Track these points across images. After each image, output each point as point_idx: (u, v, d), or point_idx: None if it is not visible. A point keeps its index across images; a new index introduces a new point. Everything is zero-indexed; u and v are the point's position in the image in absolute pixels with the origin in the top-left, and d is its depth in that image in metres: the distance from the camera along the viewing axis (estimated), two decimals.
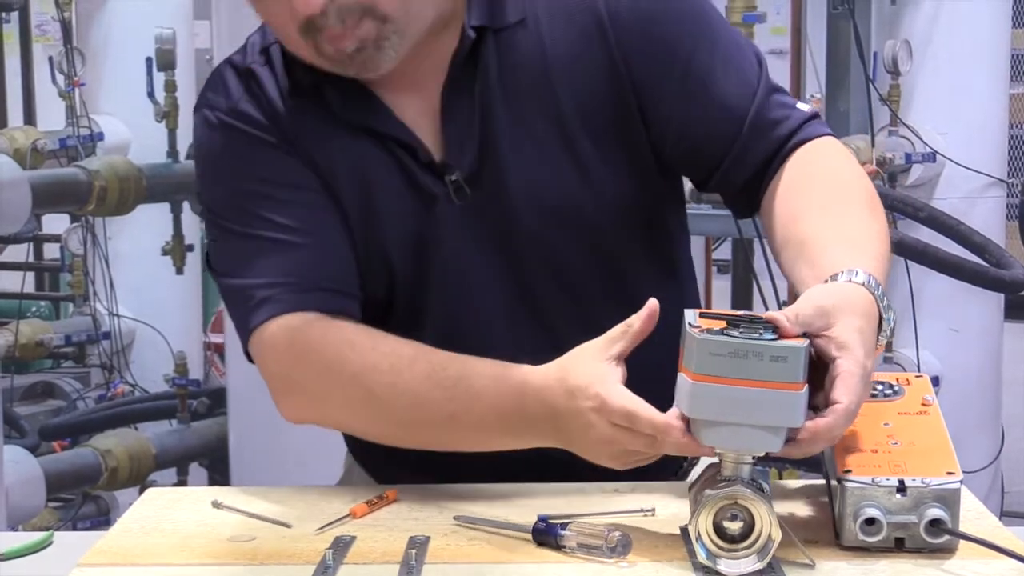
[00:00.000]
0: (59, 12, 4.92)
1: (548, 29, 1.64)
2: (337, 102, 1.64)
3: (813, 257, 1.55)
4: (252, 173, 1.65)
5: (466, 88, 1.63)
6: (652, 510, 1.54)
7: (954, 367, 4.61)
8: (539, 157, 1.64)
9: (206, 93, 1.71)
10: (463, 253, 1.67)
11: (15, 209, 3.63)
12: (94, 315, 5.03)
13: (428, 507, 1.58)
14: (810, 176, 1.65)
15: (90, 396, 5.02)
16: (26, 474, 3.67)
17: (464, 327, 1.68)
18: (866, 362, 1.42)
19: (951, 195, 4.66)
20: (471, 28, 1.62)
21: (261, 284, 1.63)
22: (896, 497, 1.40)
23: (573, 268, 1.69)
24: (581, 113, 1.64)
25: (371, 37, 1.56)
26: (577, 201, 1.66)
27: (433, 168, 1.64)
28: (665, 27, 1.65)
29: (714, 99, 1.66)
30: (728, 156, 1.67)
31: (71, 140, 4.72)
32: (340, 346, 1.61)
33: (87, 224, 4.89)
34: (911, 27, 4.67)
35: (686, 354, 1.39)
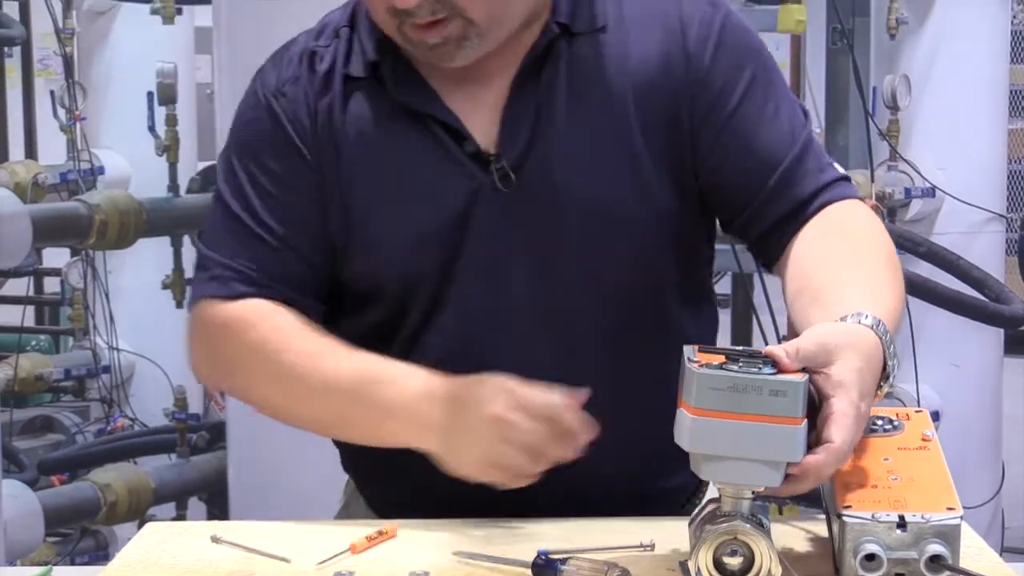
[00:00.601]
0: (61, 47, 4.93)
1: (627, 40, 1.68)
2: (391, 83, 1.67)
3: (827, 303, 1.56)
4: (264, 163, 1.71)
5: (532, 83, 1.67)
6: (652, 545, 1.54)
7: (954, 402, 4.61)
8: (594, 159, 1.66)
9: (267, 64, 1.76)
10: (497, 246, 1.67)
11: (15, 243, 3.63)
12: (94, 349, 5.03)
13: (428, 542, 1.58)
14: (831, 234, 1.66)
15: (89, 430, 5.02)
16: (25, 508, 3.66)
17: (481, 323, 1.68)
18: (861, 403, 1.42)
19: (950, 230, 4.66)
20: (555, 24, 1.66)
21: (224, 264, 1.70)
22: (896, 533, 1.40)
23: (608, 276, 1.69)
24: (643, 125, 1.67)
25: (455, 35, 1.61)
26: (626, 208, 1.68)
27: (479, 157, 1.66)
28: (733, 62, 1.69)
29: (752, 145, 1.69)
30: (751, 204, 1.69)
31: (72, 174, 4.73)
32: (260, 326, 1.68)
33: (87, 258, 4.90)
34: (910, 62, 4.69)
35: (685, 389, 1.40)
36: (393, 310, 1.70)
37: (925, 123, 4.68)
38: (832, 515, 1.47)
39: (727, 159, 1.69)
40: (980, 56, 4.74)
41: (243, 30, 3.31)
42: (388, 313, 1.71)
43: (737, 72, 1.69)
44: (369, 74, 1.68)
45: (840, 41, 4.62)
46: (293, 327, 1.67)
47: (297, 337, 1.67)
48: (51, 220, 4.08)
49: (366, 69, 1.68)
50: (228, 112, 3.33)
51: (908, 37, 4.67)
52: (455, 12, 1.59)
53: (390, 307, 1.70)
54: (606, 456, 1.59)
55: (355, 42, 1.70)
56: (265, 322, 1.68)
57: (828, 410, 1.41)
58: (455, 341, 1.68)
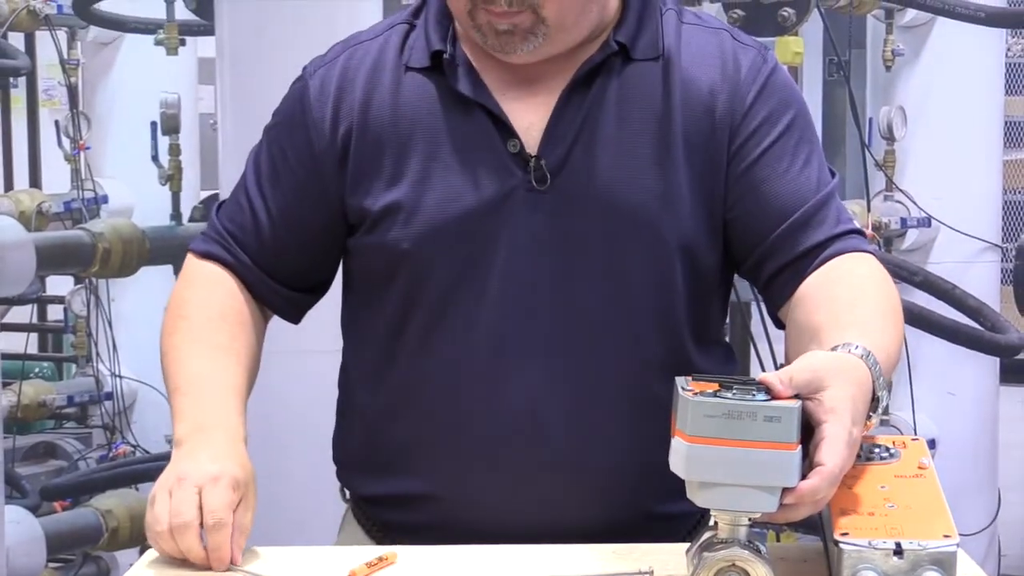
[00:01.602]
0: (66, 77, 4.94)
1: (680, 69, 1.73)
2: (451, 73, 1.72)
3: (823, 341, 1.57)
4: (279, 139, 1.79)
5: (582, 95, 1.71)
6: (650, 572, 1.54)
7: (950, 430, 4.60)
8: (630, 173, 1.70)
9: (319, 56, 1.83)
10: (523, 242, 1.69)
11: (19, 270, 3.63)
12: (97, 376, 5.02)
13: (426, 569, 1.57)
14: (836, 281, 1.69)
15: (92, 457, 5.00)
16: (27, 534, 3.65)
17: (498, 318, 1.70)
18: (852, 428, 1.44)
19: (946, 259, 4.67)
20: (614, 42, 1.70)
21: (215, 225, 1.83)
22: (893, 560, 1.40)
23: (628, 289, 1.71)
24: (686, 151, 1.71)
25: (524, 27, 1.66)
26: (652, 225, 1.70)
27: (521, 156, 1.70)
28: (773, 108, 1.74)
29: (775, 187, 1.72)
30: (763, 244, 1.72)
31: (76, 203, 4.74)
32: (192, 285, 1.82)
33: (90, 286, 4.90)
34: (906, 94, 4.70)
35: (679, 417, 1.40)
36: (410, 295, 1.71)
37: (921, 154, 4.68)
38: (829, 542, 1.46)
39: (749, 195, 1.72)
40: (975, 87, 4.74)
41: (246, 61, 3.31)
42: (404, 300, 1.72)
43: (776, 117, 1.73)
44: (428, 64, 1.73)
45: (837, 73, 4.64)
46: (211, 301, 1.79)
47: (201, 313, 1.78)
48: (55, 248, 4.08)
49: (427, 59, 1.73)
50: (231, 142, 3.36)
51: (904, 69, 4.68)
52: (531, 6, 1.64)
53: (407, 291, 1.71)
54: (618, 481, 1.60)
55: (414, 37, 1.75)
56: (202, 285, 1.81)
57: (820, 435, 1.42)
58: (471, 332, 1.69)
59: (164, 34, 4.35)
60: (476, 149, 1.70)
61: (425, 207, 1.69)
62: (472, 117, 1.71)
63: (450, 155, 1.70)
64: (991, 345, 4.32)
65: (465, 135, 1.71)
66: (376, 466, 1.77)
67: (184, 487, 1.58)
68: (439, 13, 1.75)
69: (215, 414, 1.68)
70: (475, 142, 1.71)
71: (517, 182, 1.69)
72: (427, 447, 1.73)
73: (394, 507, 1.76)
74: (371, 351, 1.77)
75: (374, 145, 1.73)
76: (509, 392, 1.69)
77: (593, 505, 1.69)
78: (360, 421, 1.79)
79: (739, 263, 1.77)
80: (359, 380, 1.80)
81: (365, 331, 1.78)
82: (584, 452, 1.69)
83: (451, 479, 1.71)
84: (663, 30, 1.74)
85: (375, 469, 1.78)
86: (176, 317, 1.79)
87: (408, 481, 1.74)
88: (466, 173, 1.70)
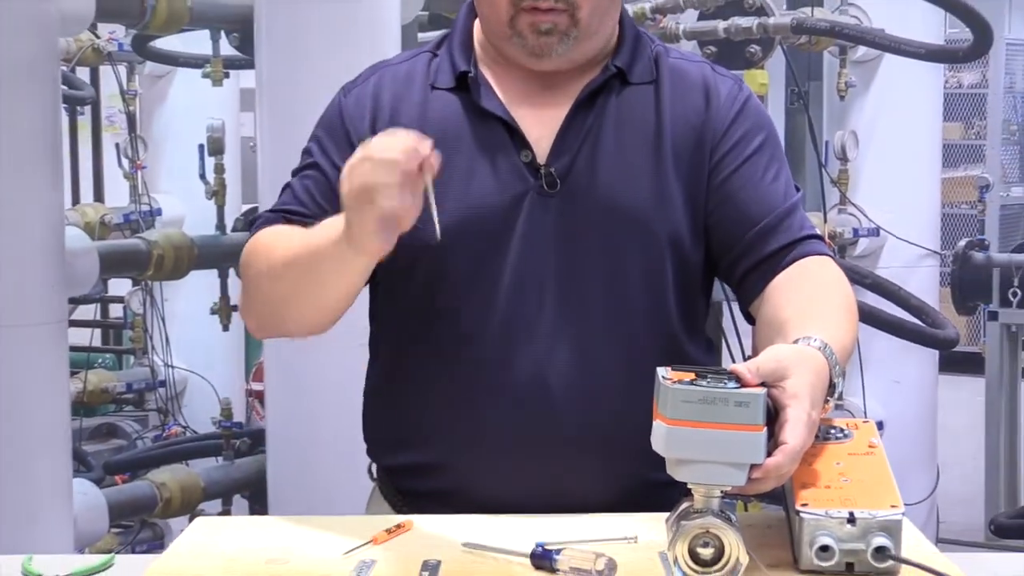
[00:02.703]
0: (125, 106, 4.95)
1: (668, 92, 1.75)
2: (475, 91, 1.73)
3: (787, 333, 1.58)
4: (322, 141, 1.78)
5: (586, 112, 1.73)
6: (635, 537, 1.54)
7: (896, 414, 4.61)
8: (628, 179, 1.71)
9: (351, 80, 1.83)
10: (535, 238, 1.70)
11: (85, 274, 3.63)
12: (152, 366, 5.03)
13: (439, 535, 1.57)
14: (800, 281, 1.69)
15: (148, 436, 5.00)
16: (91, 503, 3.65)
17: (510, 303, 1.69)
18: (812, 411, 1.44)
19: (892, 264, 4.67)
20: (613, 66, 1.74)
21: (266, 212, 1.79)
22: (847, 527, 1.40)
23: (626, 279, 1.71)
24: (675, 161, 1.72)
25: (561, 27, 1.69)
26: (647, 222, 1.71)
27: (533, 164, 1.71)
28: (748, 128, 1.76)
29: (749, 196, 1.73)
30: (737, 246, 1.73)
31: (134, 215, 4.75)
32: (258, 242, 1.74)
33: (146, 287, 4.90)
34: (857, 120, 4.70)
35: (660, 402, 1.40)
36: (431, 285, 1.71)
37: (870, 172, 4.68)
38: (791, 512, 1.46)
39: (726, 202, 1.73)
40: (917, 115, 4.75)
41: (281, 92, 3.31)
42: (425, 289, 1.72)
43: (750, 137, 1.75)
44: (453, 84, 1.74)
45: (797, 102, 4.62)
46: (280, 230, 1.73)
47: (279, 236, 1.72)
48: (115, 254, 4.08)
49: (454, 79, 1.75)
50: (268, 161, 3.36)
51: (856, 98, 4.68)
52: (569, 5, 1.68)
53: (429, 282, 1.71)
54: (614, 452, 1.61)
55: (437, 63, 1.77)
56: (269, 235, 1.74)
57: (784, 417, 1.42)
58: (486, 317, 1.69)
59: (210, 68, 4.34)
60: (494, 157, 1.72)
61: (449, 205, 1.68)
62: (491, 129, 1.72)
63: (471, 161, 1.71)
64: (931, 339, 4.32)
65: (484, 145, 1.72)
66: (397, 440, 1.77)
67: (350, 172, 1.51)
68: (463, 41, 1.77)
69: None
70: (493, 151, 1.72)
71: (530, 187, 1.71)
72: (440, 422, 1.72)
73: (412, 476, 1.76)
74: (395, 336, 1.77)
75: None
76: (517, 371, 1.68)
77: (595, 474, 1.69)
78: (384, 400, 1.79)
79: (717, 263, 1.77)
80: (384, 363, 1.80)
81: (390, 318, 1.78)
82: (585, 426, 1.68)
83: (461, 450, 1.71)
84: (654, 60, 1.77)
85: (396, 442, 1.78)
86: (259, 257, 1.72)
87: (424, 452, 1.74)
88: (485, 177, 1.71)
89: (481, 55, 1.77)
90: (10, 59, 2.97)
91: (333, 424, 3.14)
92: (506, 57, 1.75)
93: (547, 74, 1.74)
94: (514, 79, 1.75)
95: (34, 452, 3.06)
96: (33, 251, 3.04)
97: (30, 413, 3.01)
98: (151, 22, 3.93)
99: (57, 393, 3.12)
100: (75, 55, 4.59)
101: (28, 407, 3.01)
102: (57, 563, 1.55)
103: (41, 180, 3.07)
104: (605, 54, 1.76)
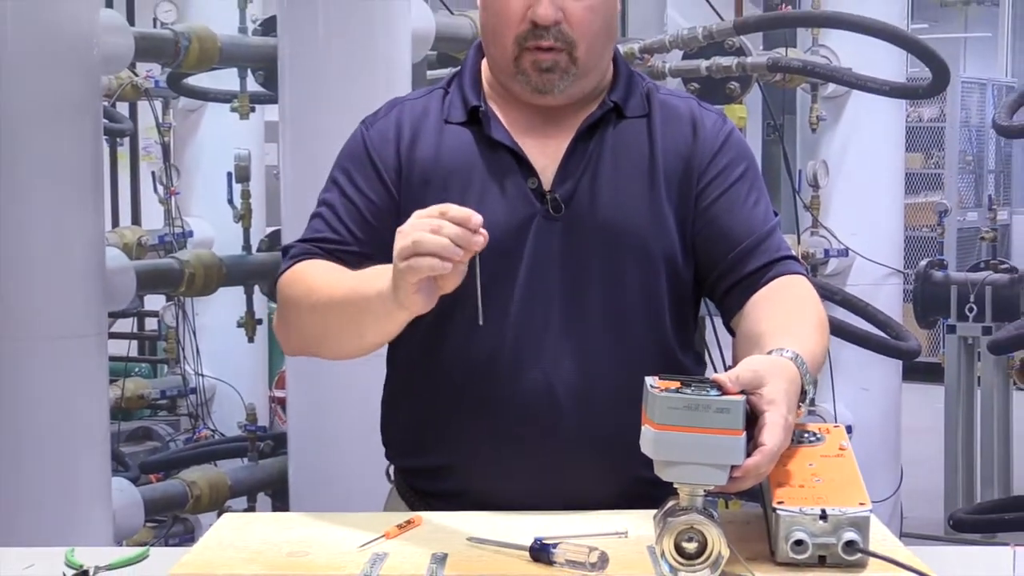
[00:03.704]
0: (160, 137, 4.95)
1: (659, 124, 1.76)
2: (486, 123, 1.74)
3: (764, 344, 1.58)
4: (350, 174, 1.76)
5: (586, 143, 1.73)
6: (625, 532, 1.53)
7: (864, 418, 4.60)
8: (625, 202, 1.72)
9: (372, 113, 1.82)
10: (542, 258, 1.70)
11: (123, 291, 3.62)
12: (183, 375, 5.02)
13: (446, 530, 1.57)
14: (777, 298, 1.69)
15: (180, 439, 4.99)
16: (128, 500, 3.64)
17: (519, 322, 1.69)
18: (788, 416, 1.44)
19: (860, 282, 4.67)
20: (610, 101, 1.74)
21: (300, 243, 1.75)
22: (819, 523, 1.40)
23: (624, 293, 1.71)
24: (666, 186, 1.73)
25: (562, 65, 1.70)
26: (644, 242, 1.72)
27: (539, 191, 1.71)
28: (731, 158, 1.76)
29: (731, 219, 1.73)
30: (720, 265, 1.73)
31: (167, 237, 4.74)
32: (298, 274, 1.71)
33: (179, 303, 4.89)
34: (828, 150, 4.71)
35: (648, 409, 1.39)
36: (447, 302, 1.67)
37: (840, 198, 4.69)
38: (768, 508, 1.46)
39: (711, 224, 1.73)
40: (882, 146, 4.76)
41: (302, 124, 3.32)
42: (441, 305, 1.68)
43: (733, 165, 1.75)
44: (465, 119, 1.74)
45: (773, 134, 4.64)
46: (321, 266, 1.71)
47: (320, 271, 1.70)
48: (151, 273, 4.08)
49: (466, 114, 1.74)
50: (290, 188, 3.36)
51: (826, 131, 4.69)
52: (568, 45, 1.68)
53: (444, 299, 1.68)
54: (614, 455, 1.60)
55: (449, 99, 1.77)
56: (304, 270, 1.71)
57: (762, 422, 1.42)
58: (498, 330, 1.68)
59: (238, 103, 4.34)
60: (504, 184, 1.71)
61: None
62: (500, 158, 1.72)
63: (483, 188, 1.71)
64: (895, 350, 4.32)
65: (495, 172, 1.72)
66: (414, 444, 1.76)
67: (401, 235, 1.48)
68: (472, 79, 1.78)
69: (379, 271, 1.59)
70: (502, 178, 1.72)
71: (536, 211, 1.70)
72: (453, 428, 1.71)
73: (428, 477, 1.75)
74: (411, 348, 1.75)
75: (421, 179, 1.73)
76: (526, 381, 1.68)
77: (596, 475, 1.68)
78: (401, 408, 1.78)
79: (702, 280, 1.76)
80: (401, 373, 1.79)
81: (407, 332, 1.72)
82: (587, 431, 1.68)
83: (473, 454, 1.70)
84: (646, 96, 1.77)
85: (413, 446, 1.77)
86: (299, 289, 1.68)
87: (438, 455, 1.73)
88: (497, 203, 1.70)
89: (489, 91, 1.77)
90: (58, 96, 2.98)
91: (348, 428, 3.14)
92: (511, 93, 1.75)
93: (549, 108, 1.74)
94: (519, 113, 1.75)
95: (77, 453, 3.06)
96: (76, 269, 3.04)
97: (73, 417, 3.01)
98: (184, 61, 3.93)
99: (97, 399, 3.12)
100: (116, 91, 4.59)
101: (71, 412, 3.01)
102: (97, 555, 1.55)
103: (84, 205, 3.07)
104: (601, 90, 1.76)
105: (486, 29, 1.75)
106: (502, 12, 1.70)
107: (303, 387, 3.39)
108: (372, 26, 3.23)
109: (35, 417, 2.98)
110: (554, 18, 1.66)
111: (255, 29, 4.43)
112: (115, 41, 3.43)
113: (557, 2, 1.67)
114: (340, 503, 2.04)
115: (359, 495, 2.01)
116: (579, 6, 1.68)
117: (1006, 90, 8.66)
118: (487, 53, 1.77)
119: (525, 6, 1.68)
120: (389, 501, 1.84)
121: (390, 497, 1.84)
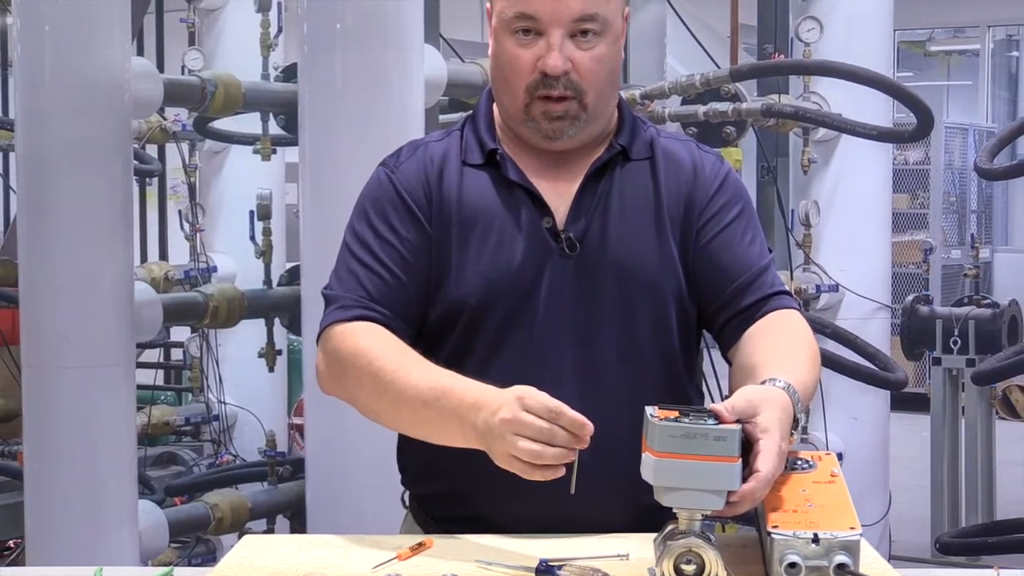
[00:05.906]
0: (187, 177, 4.96)
1: (662, 166, 1.76)
2: (504, 166, 1.73)
3: (758, 375, 1.58)
4: (386, 218, 1.73)
5: (595, 184, 1.73)
6: (627, 555, 1.52)
7: (854, 446, 4.58)
8: (634, 240, 1.72)
9: (388, 156, 1.79)
10: (557, 295, 1.69)
11: (150, 322, 3.63)
12: (207, 402, 5.01)
13: (456, 552, 1.56)
14: (771, 331, 1.69)
15: (203, 463, 4.98)
16: (154, 522, 3.63)
17: (533, 349, 1.68)
18: (781, 443, 1.43)
19: (850, 316, 4.66)
20: (617, 144, 1.74)
21: (346, 296, 1.71)
22: (812, 546, 1.39)
23: (636, 328, 1.71)
24: (671, 224, 1.73)
25: (571, 113, 1.69)
26: (653, 278, 1.71)
27: (553, 230, 1.71)
28: (729, 198, 1.76)
29: (728, 256, 1.73)
30: (718, 300, 1.73)
31: (193, 271, 4.74)
32: (362, 339, 1.66)
33: (203, 334, 4.89)
34: (819, 191, 4.71)
35: (649, 437, 1.39)
36: (467, 337, 1.69)
37: (830, 236, 4.68)
38: (763, 532, 1.45)
39: (710, 261, 1.73)
40: (870, 187, 4.76)
41: (321, 166, 3.32)
42: (461, 340, 1.70)
43: (731, 205, 1.76)
44: (484, 161, 1.74)
45: (767, 175, 4.64)
46: (388, 341, 1.66)
47: (389, 349, 1.65)
48: (177, 306, 4.08)
49: (483, 157, 1.74)
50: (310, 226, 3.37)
51: (817, 172, 4.69)
52: (577, 93, 1.67)
53: (464, 334, 1.69)
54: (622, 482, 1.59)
55: (467, 141, 1.76)
56: (368, 336, 1.67)
57: (757, 449, 1.42)
58: (517, 363, 1.67)
59: (260, 145, 4.36)
60: (521, 224, 1.71)
61: (486, 268, 1.69)
62: (517, 199, 1.72)
63: (502, 229, 1.71)
64: (884, 381, 4.31)
65: (513, 213, 1.71)
66: (428, 470, 1.75)
67: (510, 426, 1.46)
68: (486, 124, 1.77)
69: (464, 388, 1.57)
70: (520, 219, 1.71)
71: (552, 250, 1.70)
72: (468, 457, 1.68)
73: (442, 503, 1.74)
74: None
75: (447, 218, 1.72)
76: None
77: (603, 501, 1.66)
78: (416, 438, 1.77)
79: (701, 313, 1.76)
80: None
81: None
82: (597, 459, 1.65)
83: (486, 481, 1.67)
84: (649, 140, 1.78)
85: (426, 473, 1.76)
86: (359, 359, 1.64)
87: (453, 482, 1.71)
88: (515, 243, 1.70)
89: (500, 135, 1.77)
90: (91, 138, 3.00)
91: (364, 454, 3.12)
92: (522, 138, 1.75)
93: (558, 152, 1.74)
94: (530, 156, 1.75)
95: (105, 476, 3.06)
96: (107, 302, 3.05)
97: (102, 442, 3.01)
98: (210, 106, 3.95)
99: (125, 425, 3.12)
100: (145, 134, 4.61)
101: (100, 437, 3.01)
102: (124, 574, 1.54)
103: (114, 241, 3.08)
104: (606, 134, 1.76)
105: (497, 78, 1.74)
106: (513, 62, 1.70)
107: (321, 415, 3.39)
108: (387, 73, 3.24)
109: (67, 442, 2.98)
110: (563, 68, 1.66)
111: (277, 76, 4.46)
112: (145, 87, 3.45)
113: (566, 52, 1.67)
114: (355, 525, 2.03)
115: (372, 518, 2.01)
116: (587, 56, 1.68)
117: (987, 135, 8.67)
118: (498, 101, 1.77)
119: (535, 57, 1.68)
120: (404, 525, 1.83)
121: (405, 522, 1.83)
